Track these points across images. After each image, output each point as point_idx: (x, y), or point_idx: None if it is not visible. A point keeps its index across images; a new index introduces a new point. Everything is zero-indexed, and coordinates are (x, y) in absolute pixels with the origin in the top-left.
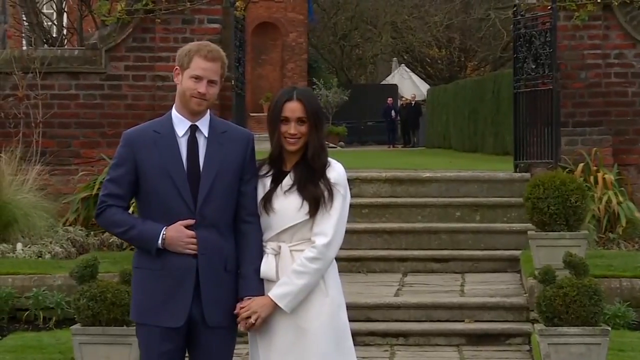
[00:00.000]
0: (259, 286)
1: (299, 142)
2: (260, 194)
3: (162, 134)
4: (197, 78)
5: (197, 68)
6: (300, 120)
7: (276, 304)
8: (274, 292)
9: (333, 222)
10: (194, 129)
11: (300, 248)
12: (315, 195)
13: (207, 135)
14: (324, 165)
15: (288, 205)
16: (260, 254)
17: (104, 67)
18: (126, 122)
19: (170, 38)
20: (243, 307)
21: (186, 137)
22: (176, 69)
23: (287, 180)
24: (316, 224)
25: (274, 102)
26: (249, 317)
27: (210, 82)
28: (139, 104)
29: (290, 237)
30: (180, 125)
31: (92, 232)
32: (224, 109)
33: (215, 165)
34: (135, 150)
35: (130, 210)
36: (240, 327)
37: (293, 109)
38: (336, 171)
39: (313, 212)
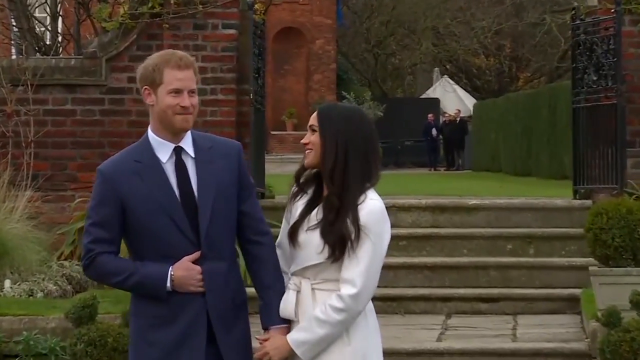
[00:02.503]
0: (280, 314)
1: (309, 155)
2: (291, 221)
3: (144, 163)
4: (177, 91)
5: (173, 81)
6: (312, 129)
7: (292, 349)
8: (292, 337)
9: (361, 269)
10: (178, 151)
11: (324, 287)
12: (337, 239)
13: (194, 156)
14: (354, 198)
15: (310, 244)
16: (279, 275)
17: (105, 78)
18: (129, 142)
19: (180, 45)
20: (260, 344)
21: (172, 162)
22: (145, 88)
23: (315, 214)
24: (344, 268)
25: None
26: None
27: (191, 92)
28: (144, 121)
29: (314, 275)
30: (162, 149)
31: None
32: (241, 125)
33: (211, 188)
34: (117, 186)
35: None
36: None
37: (312, 116)
38: (366, 210)
39: (336, 256)
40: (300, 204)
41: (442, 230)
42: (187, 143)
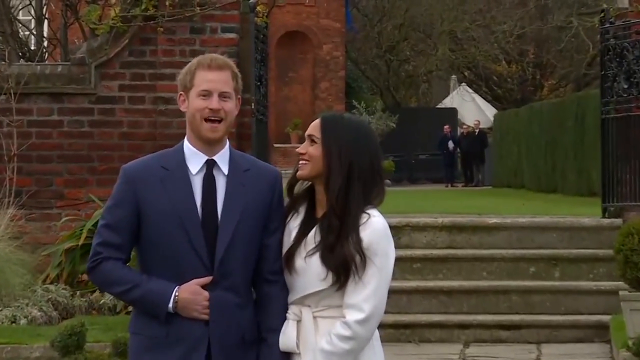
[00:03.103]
0: (282, 357)
1: (305, 167)
2: (285, 246)
3: (172, 171)
4: (206, 93)
5: (202, 82)
6: (311, 140)
7: None
8: None
9: (368, 293)
10: (210, 165)
11: (327, 314)
12: (340, 264)
13: (227, 173)
14: (355, 219)
15: (309, 270)
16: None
17: (94, 86)
18: (121, 155)
19: (176, 51)
20: None
21: (201, 175)
22: (180, 94)
23: (312, 237)
24: (347, 293)
25: None
26: None
27: (223, 95)
28: (137, 133)
29: (316, 302)
30: (194, 159)
31: (78, 292)
32: (242, 138)
33: (237, 211)
34: (138, 190)
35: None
36: None
37: (312, 125)
38: (369, 229)
39: (340, 283)
40: (293, 226)
41: (460, 252)
42: (222, 158)
